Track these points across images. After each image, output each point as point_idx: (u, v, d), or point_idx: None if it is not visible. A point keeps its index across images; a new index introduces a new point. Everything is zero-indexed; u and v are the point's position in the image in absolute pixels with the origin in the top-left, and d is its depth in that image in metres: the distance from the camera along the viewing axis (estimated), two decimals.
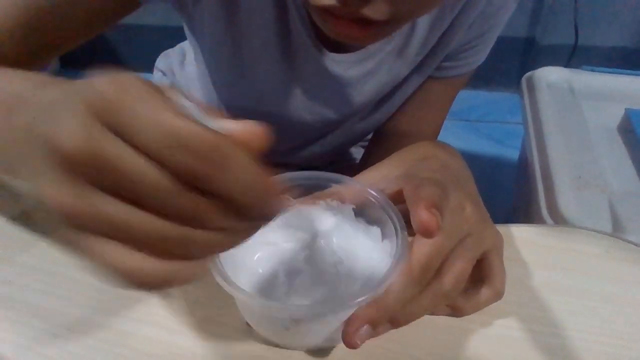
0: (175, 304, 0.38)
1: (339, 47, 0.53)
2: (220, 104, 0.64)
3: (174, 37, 0.82)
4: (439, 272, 0.31)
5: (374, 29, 0.37)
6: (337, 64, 0.54)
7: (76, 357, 0.35)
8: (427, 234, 0.30)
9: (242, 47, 0.53)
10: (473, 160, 0.39)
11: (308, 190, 0.37)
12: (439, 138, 0.70)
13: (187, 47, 0.77)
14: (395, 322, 0.32)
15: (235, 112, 0.64)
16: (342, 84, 0.56)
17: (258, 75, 0.56)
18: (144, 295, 0.39)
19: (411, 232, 0.32)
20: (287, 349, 0.36)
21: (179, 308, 0.38)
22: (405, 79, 0.60)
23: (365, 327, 0.30)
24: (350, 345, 0.30)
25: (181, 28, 0.62)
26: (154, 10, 0.51)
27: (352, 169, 0.68)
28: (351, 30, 0.37)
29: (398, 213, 0.34)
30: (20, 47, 0.44)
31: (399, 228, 0.33)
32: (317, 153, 0.71)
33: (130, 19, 0.52)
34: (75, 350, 0.35)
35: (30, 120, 0.24)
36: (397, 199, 0.35)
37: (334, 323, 0.32)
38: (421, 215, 0.29)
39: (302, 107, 0.59)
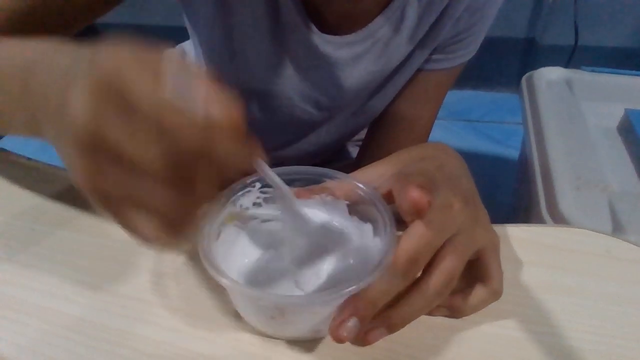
0: (175, 303, 0.38)
1: (328, 29, 0.54)
2: None
3: (174, 37, 0.82)
4: (428, 269, 0.31)
5: None
6: (327, 43, 0.54)
7: (76, 357, 0.35)
8: (418, 211, 0.30)
9: (232, 27, 0.54)
10: (473, 160, 0.39)
11: (303, 186, 0.38)
12: (439, 138, 0.70)
13: (187, 48, 0.78)
14: (390, 325, 0.31)
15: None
16: (331, 64, 0.57)
17: (248, 55, 0.56)
18: (144, 294, 0.39)
19: (400, 229, 0.32)
20: (275, 338, 0.36)
21: (179, 308, 0.38)
22: (395, 71, 0.60)
23: (352, 320, 0.30)
24: (337, 337, 0.30)
25: (181, 28, 0.62)
26: (154, 9, 0.52)
27: (349, 167, 0.69)
28: None
29: (389, 210, 0.34)
30: (18, 33, 0.44)
31: (388, 224, 0.33)
32: (312, 150, 0.71)
33: (130, 19, 0.52)
34: (75, 350, 0.35)
35: (45, 91, 0.28)
36: (391, 197, 0.35)
37: (320, 314, 0.32)
38: (412, 193, 0.29)
39: (293, 88, 0.59)
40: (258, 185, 0.38)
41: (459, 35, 0.58)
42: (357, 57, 0.56)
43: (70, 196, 0.48)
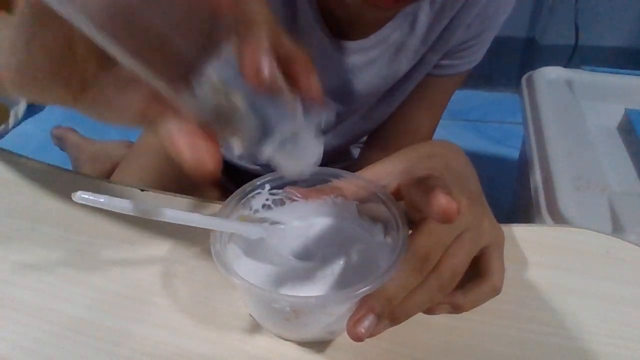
0: (175, 303, 0.38)
1: (341, 34, 0.54)
2: None
3: None
4: (436, 266, 0.31)
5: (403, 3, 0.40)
6: (341, 49, 0.55)
7: (76, 357, 0.35)
8: (447, 218, 0.29)
9: None
10: (473, 160, 0.40)
11: (311, 186, 0.37)
12: (439, 137, 0.70)
13: None
14: (394, 318, 0.31)
15: None
16: (345, 69, 0.57)
17: None
18: (144, 295, 0.39)
19: (411, 227, 0.32)
20: (288, 340, 0.36)
21: (180, 308, 0.38)
22: (405, 76, 0.61)
23: (369, 317, 0.30)
24: (354, 335, 0.30)
25: None
26: None
27: (351, 168, 0.69)
28: (388, 2, 0.40)
29: (400, 209, 0.34)
30: None
31: (400, 224, 0.33)
32: None
33: None
34: (75, 350, 0.35)
35: None
36: (399, 194, 0.35)
37: (334, 315, 0.32)
38: (441, 200, 0.28)
39: None
40: (267, 187, 0.38)
41: (467, 42, 0.59)
42: (370, 62, 0.57)
43: (70, 196, 0.48)
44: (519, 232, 0.44)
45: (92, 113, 0.26)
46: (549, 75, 1.07)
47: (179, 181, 0.74)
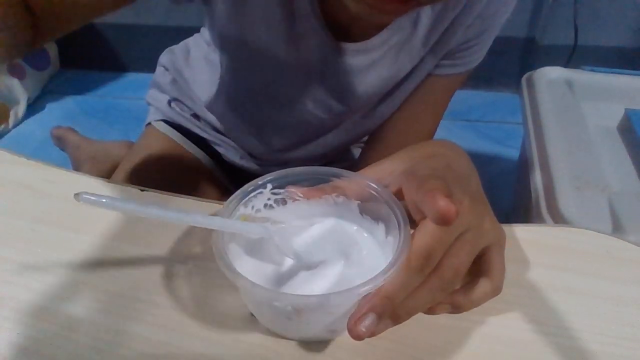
0: (175, 303, 0.38)
1: (343, 35, 0.54)
2: (228, 92, 0.64)
3: (173, 36, 0.82)
4: (437, 265, 0.31)
5: (413, 4, 0.38)
6: (343, 51, 0.55)
7: (76, 357, 0.35)
8: (445, 221, 0.29)
9: (247, 30, 0.54)
10: (473, 160, 0.40)
11: (312, 186, 0.38)
12: (439, 137, 0.70)
13: (191, 44, 0.78)
14: (395, 317, 0.32)
15: (242, 98, 0.65)
16: (347, 71, 0.57)
17: (263, 59, 0.56)
18: (144, 295, 0.39)
19: (413, 227, 0.32)
20: (290, 339, 0.36)
21: (180, 307, 0.38)
22: (406, 77, 0.61)
23: (370, 316, 0.30)
24: (355, 334, 0.30)
25: (181, 28, 0.62)
26: (154, 9, 0.52)
27: (351, 168, 0.69)
28: (396, 7, 0.38)
29: (402, 208, 0.34)
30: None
31: (402, 223, 0.33)
32: (319, 152, 0.71)
33: (130, 18, 0.52)
34: (76, 350, 0.35)
35: None
36: (402, 194, 0.35)
37: (336, 314, 0.32)
38: (439, 202, 0.28)
39: (306, 93, 0.60)
40: (269, 186, 0.38)
41: (468, 42, 0.59)
42: (372, 64, 0.57)
43: (71, 196, 0.48)
44: (519, 232, 0.44)
45: None
46: (549, 75, 1.07)
47: (179, 181, 0.74)
